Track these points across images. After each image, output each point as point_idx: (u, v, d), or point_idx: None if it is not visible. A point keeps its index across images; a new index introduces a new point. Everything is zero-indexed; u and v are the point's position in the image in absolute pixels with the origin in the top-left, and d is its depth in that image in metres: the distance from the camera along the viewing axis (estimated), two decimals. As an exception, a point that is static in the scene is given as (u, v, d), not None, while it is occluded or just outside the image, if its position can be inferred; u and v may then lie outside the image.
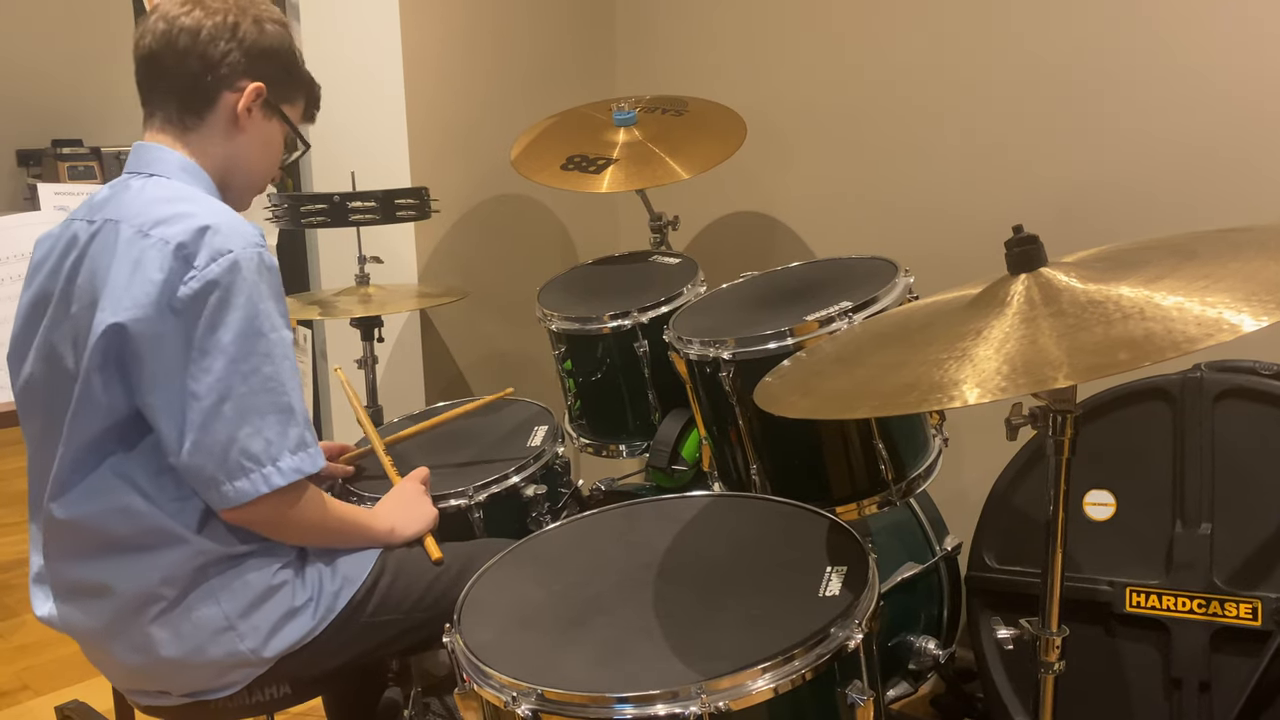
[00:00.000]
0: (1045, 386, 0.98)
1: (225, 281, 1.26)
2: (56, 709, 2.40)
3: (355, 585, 1.42)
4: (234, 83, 1.40)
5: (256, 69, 1.41)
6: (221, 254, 1.27)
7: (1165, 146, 1.92)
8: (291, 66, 1.46)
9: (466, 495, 1.65)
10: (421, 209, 2.24)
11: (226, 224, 1.29)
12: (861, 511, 1.62)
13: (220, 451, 1.27)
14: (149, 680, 1.40)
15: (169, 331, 1.26)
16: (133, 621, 1.34)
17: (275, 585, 1.37)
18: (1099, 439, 1.69)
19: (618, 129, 2.31)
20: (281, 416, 1.30)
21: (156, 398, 1.27)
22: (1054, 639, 1.22)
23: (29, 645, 2.73)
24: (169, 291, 1.26)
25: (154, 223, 1.29)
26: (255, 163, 1.47)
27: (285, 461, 1.30)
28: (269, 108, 1.44)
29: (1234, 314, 0.94)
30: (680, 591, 1.26)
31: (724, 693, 1.07)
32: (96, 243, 1.33)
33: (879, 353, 1.25)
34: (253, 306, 1.27)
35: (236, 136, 1.42)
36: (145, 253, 1.27)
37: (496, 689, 1.13)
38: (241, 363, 1.27)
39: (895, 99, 2.28)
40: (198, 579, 1.34)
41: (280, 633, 1.36)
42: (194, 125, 1.40)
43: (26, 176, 6.26)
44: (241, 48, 1.39)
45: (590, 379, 2.07)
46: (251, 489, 1.28)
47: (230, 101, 1.40)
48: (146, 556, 1.33)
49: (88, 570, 1.35)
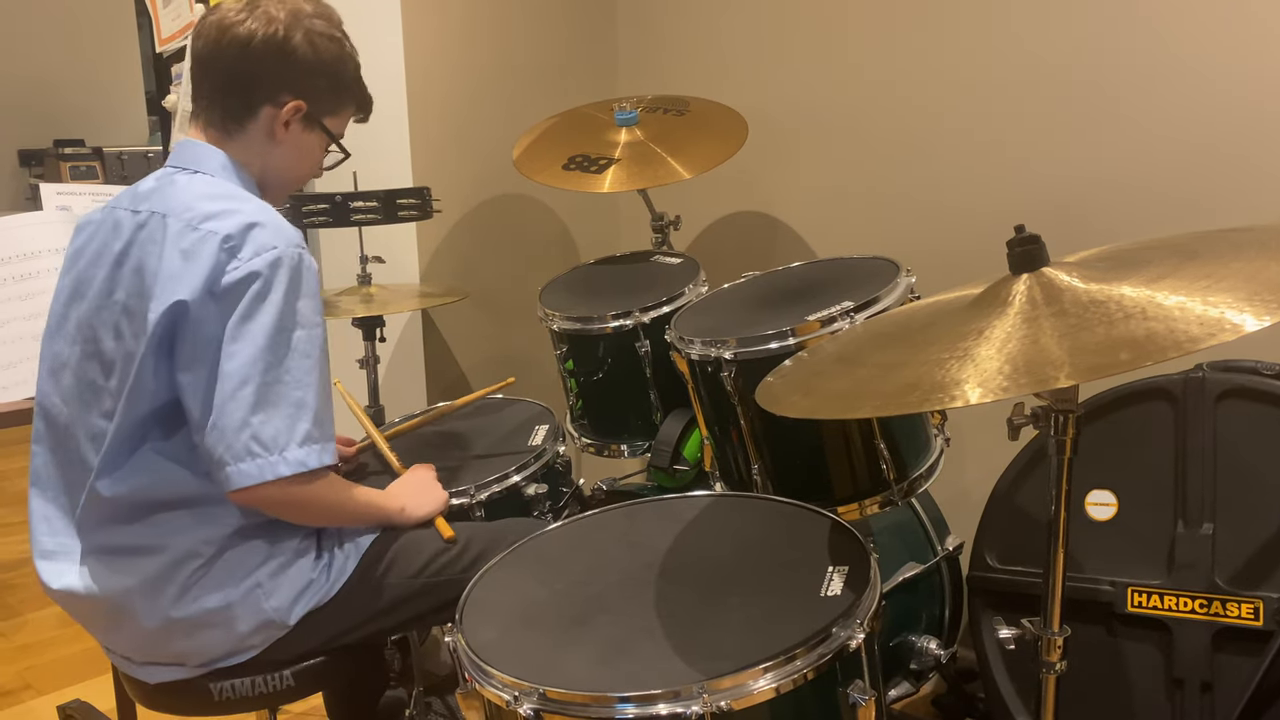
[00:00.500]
0: (1047, 386, 0.98)
1: (266, 274, 1.31)
2: (59, 708, 2.40)
3: (363, 548, 1.47)
4: (276, 97, 1.43)
5: (301, 85, 1.44)
6: (266, 249, 1.32)
7: (1166, 146, 1.92)
8: (340, 80, 1.48)
9: (468, 494, 1.65)
10: (423, 209, 2.24)
11: (272, 223, 1.35)
12: (863, 511, 1.62)
13: (232, 433, 1.30)
14: (167, 647, 1.42)
15: (208, 315, 1.31)
16: (169, 578, 1.38)
17: (301, 549, 1.42)
18: (1101, 439, 1.69)
19: (619, 129, 2.32)
20: (295, 409, 1.33)
21: (187, 376, 1.32)
22: (1056, 639, 1.22)
23: (31, 645, 2.73)
24: (213, 278, 1.31)
25: (203, 217, 1.34)
26: (290, 170, 1.51)
27: (292, 453, 1.32)
28: (309, 120, 1.47)
29: (1236, 314, 0.94)
30: (682, 591, 1.26)
31: (726, 692, 1.07)
32: (144, 233, 1.37)
33: (880, 352, 1.25)
34: (288, 302, 1.32)
35: (274, 147, 1.46)
36: (194, 245, 1.32)
37: (498, 688, 1.13)
38: (267, 352, 1.31)
39: (897, 99, 2.27)
40: (234, 539, 1.39)
41: (303, 598, 1.41)
42: (235, 131, 1.44)
43: (29, 176, 6.26)
44: (288, 64, 1.42)
45: (592, 379, 2.07)
46: (256, 474, 1.31)
47: (268, 115, 1.44)
48: (190, 515, 1.38)
49: (130, 534, 1.39)
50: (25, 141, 6.26)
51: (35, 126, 6.24)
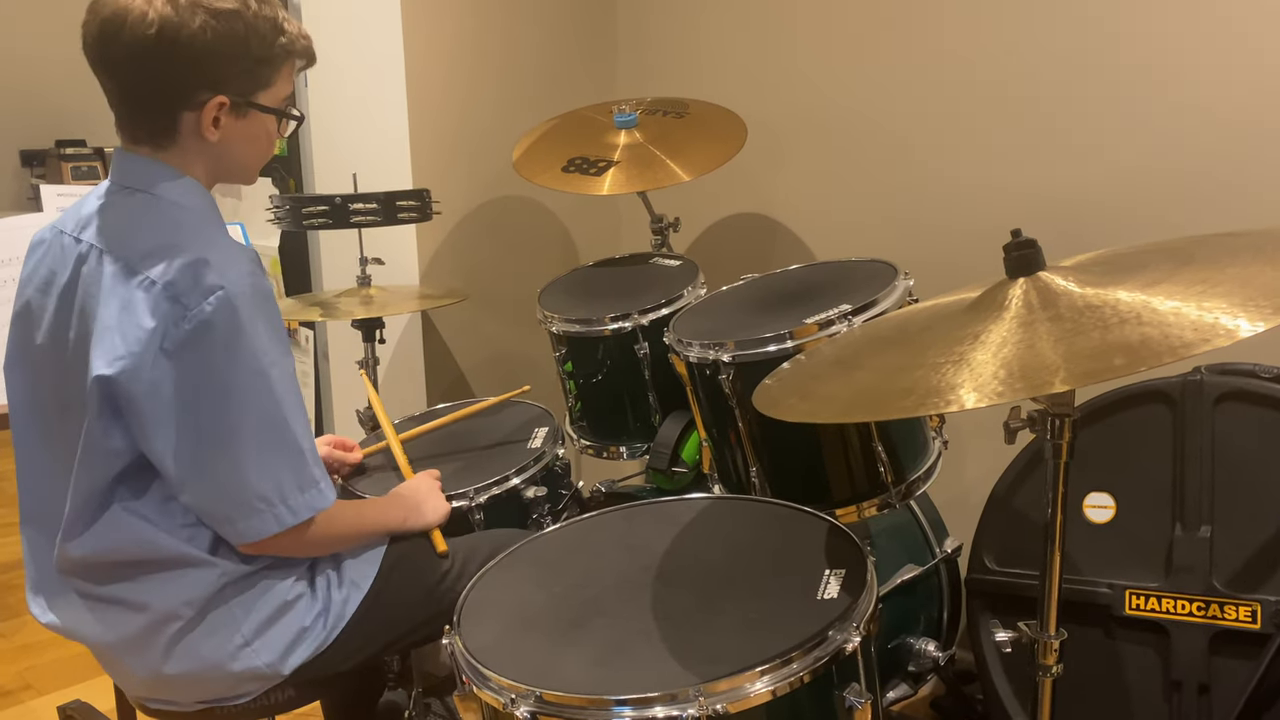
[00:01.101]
0: (1042, 391, 0.98)
1: (219, 321, 1.20)
2: (59, 709, 2.40)
3: (362, 591, 1.42)
4: (190, 100, 1.26)
5: (213, 77, 1.25)
6: (213, 291, 1.20)
7: (1163, 151, 1.92)
8: (257, 53, 1.27)
9: (467, 497, 1.65)
10: (423, 211, 2.25)
11: (216, 256, 1.22)
12: (861, 514, 1.62)
13: (229, 492, 1.26)
14: (162, 691, 1.40)
15: (164, 377, 1.21)
16: (151, 639, 1.33)
17: (290, 600, 1.36)
18: (1099, 441, 1.69)
19: (619, 131, 2.32)
20: (290, 455, 1.28)
21: (159, 443, 1.24)
22: (1052, 642, 1.22)
23: (31, 645, 2.74)
24: (161, 336, 1.20)
25: (141, 256, 1.23)
26: (243, 155, 1.35)
27: (295, 500, 1.28)
28: (239, 109, 1.29)
29: (1230, 319, 0.94)
30: (679, 594, 1.27)
31: (722, 695, 1.07)
32: (85, 269, 1.28)
33: (878, 356, 1.25)
34: (250, 344, 1.22)
35: (211, 147, 1.30)
36: (133, 294, 1.22)
37: (495, 691, 1.14)
38: (245, 403, 1.23)
39: (895, 102, 2.28)
40: (217, 600, 1.33)
41: (296, 648, 1.37)
42: (165, 144, 1.29)
43: (30, 177, 6.27)
44: (186, 64, 1.23)
45: (591, 381, 2.07)
46: (263, 528, 1.28)
47: (191, 120, 1.27)
48: (168, 577, 1.31)
49: (109, 590, 1.34)
50: (27, 142, 6.27)
51: (37, 127, 6.24)
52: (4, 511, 3.77)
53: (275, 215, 2.22)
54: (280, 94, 1.34)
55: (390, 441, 1.78)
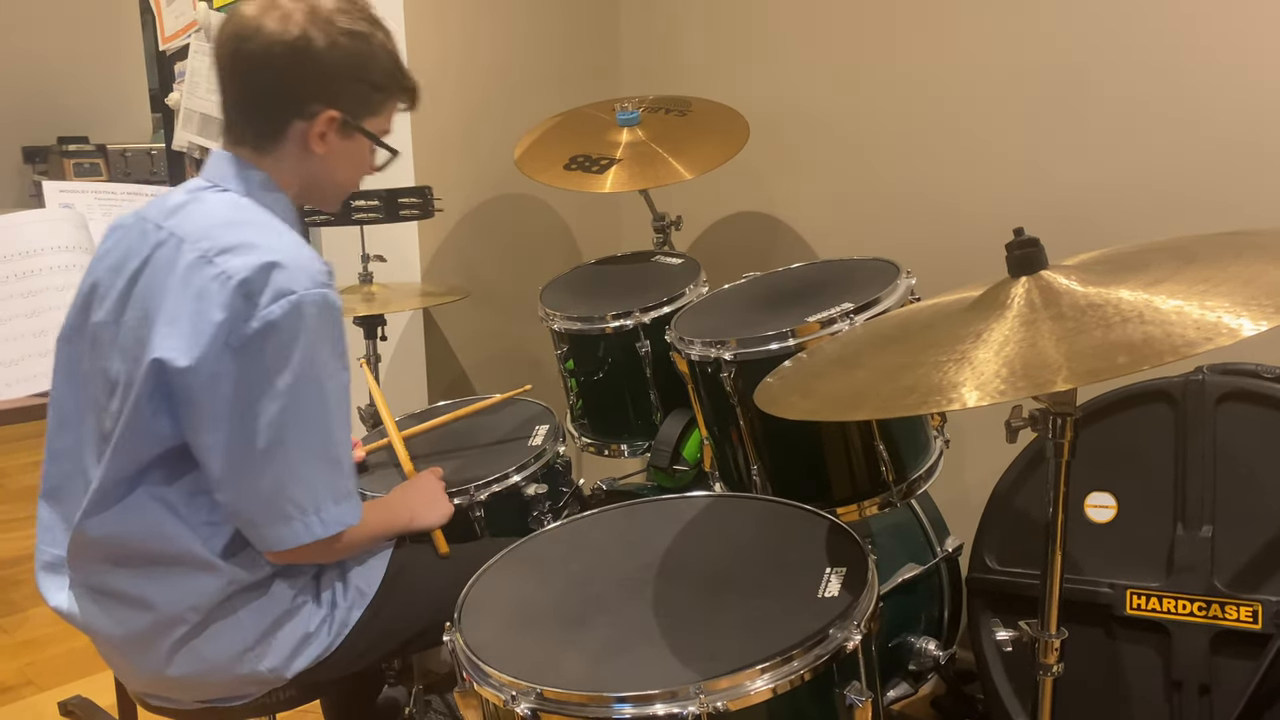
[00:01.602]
0: (1044, 390, 0.98)
1: (286, 325, 1.22)
2: (60, 704, 2.41)
3: (366, 599, 1.42)
4: (305, 109, 1.32)
5: (330, 93, 1.32)
6: (285, 294, 1.22)
7: (1166, 150, 1.92)
8: (375, 79, 1.36)
9: (468, 494, 1.65)
10: (425, 208, 2.25)
11: (292, 260, 1.25)
12: (862, 513, 1.62)
13: (266, 496, 1.26)
14: (163, 690, 1.41)
15: (226, 372, 1.23)
16: (155, 640, 1.33)
17: (294, 608, 1.37)
18: (1101, 441, 1.69)
19: (621, 129, 2.32)
20: (329, 466, 1.29)
21: (207, 437, 1.25)
22: (1053, 641, 1.22)
23: (33, 640, 2.74)
24: (230, 330, 1.22)
25: (219, 249, 1.25)
26: (336, 178, 1.41)
27: (328, 512, 1.29)
28: (347, 128, 1.35)
29: (1233, 318, 0.94)
30: (680, 592, 1.27)
31: (722, 693, 1.07)
32: (160, 255, 1.29)
33: (880, 354, 1.25)
34: (312, 352, 1.24)
35: (311, 161, 1.36)
36: (207, 286, 1.23)
37: (496, 688, 1.14)
38: (297, 409, 1.24)
39: (898, 100, 2.27)
40: (223, 607, 1.33)
41: (300, 654, 1.37)
42: (268, 148, 1.34)
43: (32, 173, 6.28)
44: (311, 75, 1.30)
45: (592, 378, 2.07)
46: (293, 537, 1.28)
47: (300, 129, 1.33)
48: (178, 577, 1.32)
49: (119, 579, 1.34)
50: (29, 138, 6.27)
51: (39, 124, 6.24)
52: (6, 507, 3.78)
53: (277, 212, 2.22)
54: (382, 126, 1.41)
55: (392, 437, 1.78)
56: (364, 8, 1.35)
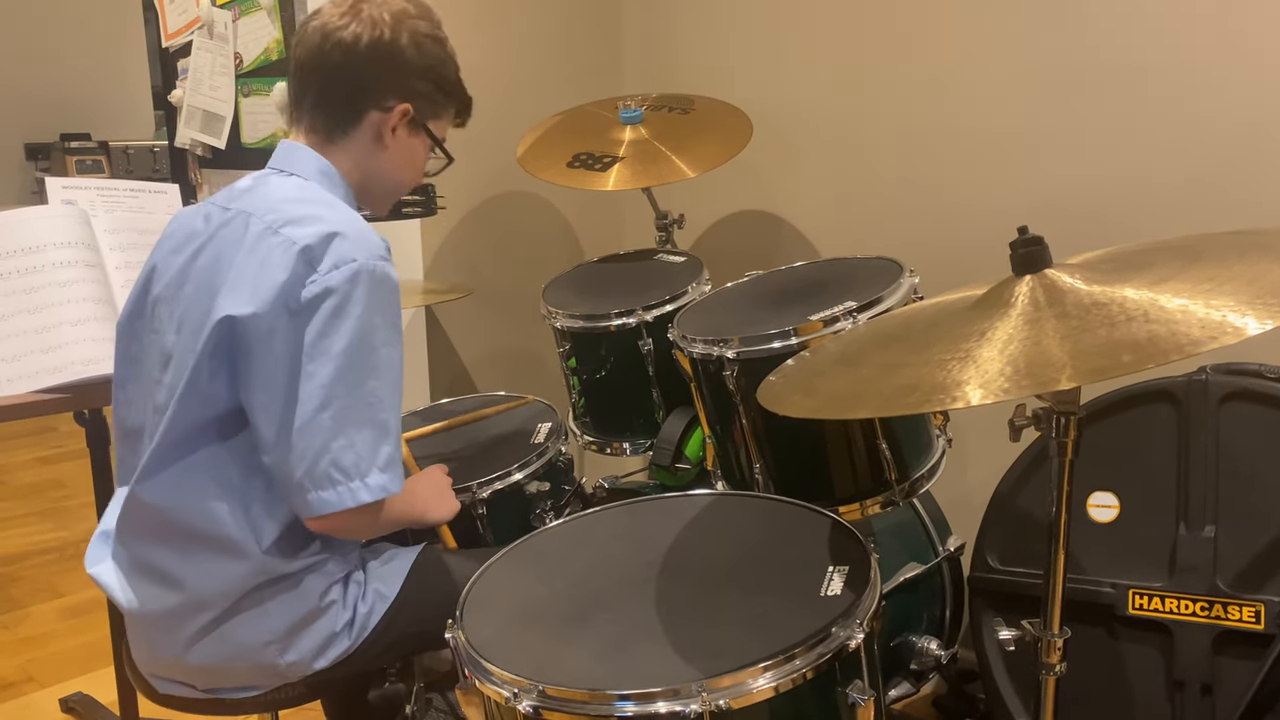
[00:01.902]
0: (1048, 388, 0.98)
1: (344, 290, 1.26)
2: (61, 701, 2.41)
3: (387, 603, 1.43)
4: (382, 102, 1.40)
5: (406, 88, 1.41)
6: (345, 261, 1.27)
7: (1171, 149, 1.91)
8: (444, 82, 1.46)
9: (470, 491, 1.65)
10: (427, 206, 2.24)
11: (354, 232, 1.30)
12: (864, 511, 1.62)
13: (312, 458, 1.26)
14: (178, 674, 1.41)
15: (281, 330, 1.26)
16: (181, 622, 1.35)
17: (323, 607, 1.38)
18: (1103, 440, 1.69)
19: (624, 127, 2.32)
20: (376, 432, 1.29)
21: (260, 395, 1.27)
22: (1055, 640, 1.22)
23: (34, 637, 2.74)
24: (289, 292, 1.26)
25: (285, 221, 1.30)
26: (396, 175, 1.48)
27: (373, 479, 1.29)
28: (415, 125, 1.44)
29: (1238, 317, 0.94)
30: (682, 589, 1.26)
31: (725, 691, 1.07)
32: (227, 230, 1.34)
33: (883, 353, 1.25)
34: (368, 319, 1.27)
35: (380, 152, 1.43)
36: (272, 251, 1.28)
37: (498, 685, 1.13)
38: (348, 373, 1.26)
39: (901, 99, 2.27)
40: (252, 596, 1.35)
41: (324, 654, 1.39)
42: (339, 139, 1.41)
43: (35, 170, 6.28)
44: (395, 67, 1.39)
45: (594, 376, 2.07)
46: (337, 501, 1.28)
47: (376, 120, 1.41)
48: (213, 561, 1.33)
49: (159, 555, 1.36)
50: (31, 135, 6.28)
51: (41, 120, 6.25)
52: (7, 505, 3.78)
53: (280, 209, 2.22)
54: (441, 131, 1.50)
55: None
56: (439, 23, 1.46)
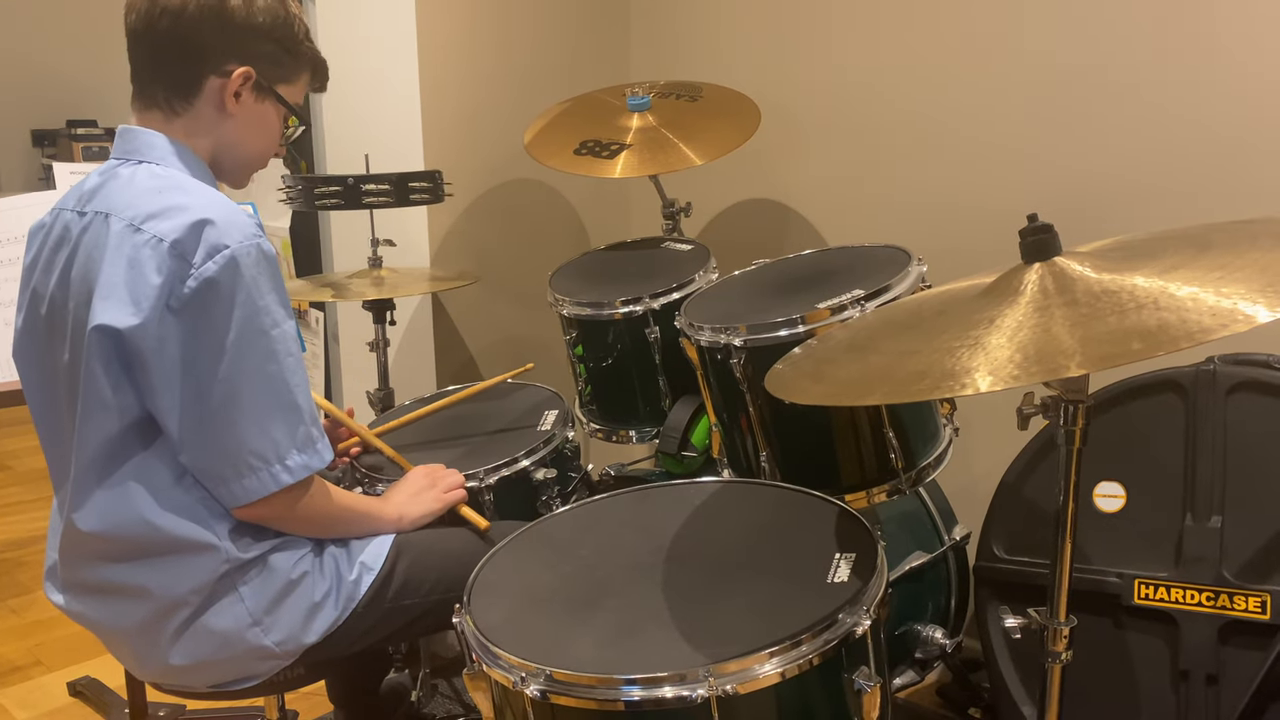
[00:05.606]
0: (1057, 375, 0.98)
1: (224, 279, 1.23)
2: (69, 684, 2.42)
3: (374, 572, 1.42)
4: (220, 67, 1.33)
5: (245, 51, 1.34)
6: (219, 249, 1.23)
7: (1182, 136, 1.91)
8: (288, 43, 1.38)
9: (477, 478, 1.66)
10: (435, 192, 2.24)
11: (222, 216, 1.25)
12: (871, 499, 1.62)
13: (230, 451, 1.26)
14: (171, 677, 1.40)
15: (170, 334, 1.23)
16: (157, 627, 1.33)
17: (296, 579, 1.36)
18: (1110, 430, 1.69)
19: (631, 114, 2.31)
20: (287, 415, 1.28)
21: (164, 399, 1.25)
22: (1062, 629, 1.22)
23: (42, 621, 2.76)
24: (168, 292, 1.23)
25: (146, 216, 1.25)
26: (249, 145, 1.41)
27: (293, 459, 1.29)
28: (261, 89, 1.37)
29: (1249, 305, 0.93)
30: (689, 575, 1.27)
31: (731, 676, 1.07)
32: (88, 236, 1.29)
33: (891, 340, 1.25)
34: (252, 304, 1.25)
35: (226, 120, 1.36)
36: (139, 251, 1.24)
37: (505, 669, 1.14)
38: (245, 362, 1.25)
39: (910, 87, 2.27)
40: (223, 585, 1.33)
41: (310, 626, 1.37)
42: (182, 109, 1.35)
43: (41, 156, 6.29)
44: (227, 30, 1.32)
45: (601, 364, 2.07)
46: (260, 487, 1.28)
47: (216, 86, 1.34)
48: (174, 563, 1.31)
49: (113, 572, 1.33)
50: (38, 122, 6.28)
51: (48, 107, 6.25)
52: (10, 490, 3.79)
53: (287, 195, 2.22)
54: (294, 96, 1.43)
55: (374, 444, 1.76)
56: None
